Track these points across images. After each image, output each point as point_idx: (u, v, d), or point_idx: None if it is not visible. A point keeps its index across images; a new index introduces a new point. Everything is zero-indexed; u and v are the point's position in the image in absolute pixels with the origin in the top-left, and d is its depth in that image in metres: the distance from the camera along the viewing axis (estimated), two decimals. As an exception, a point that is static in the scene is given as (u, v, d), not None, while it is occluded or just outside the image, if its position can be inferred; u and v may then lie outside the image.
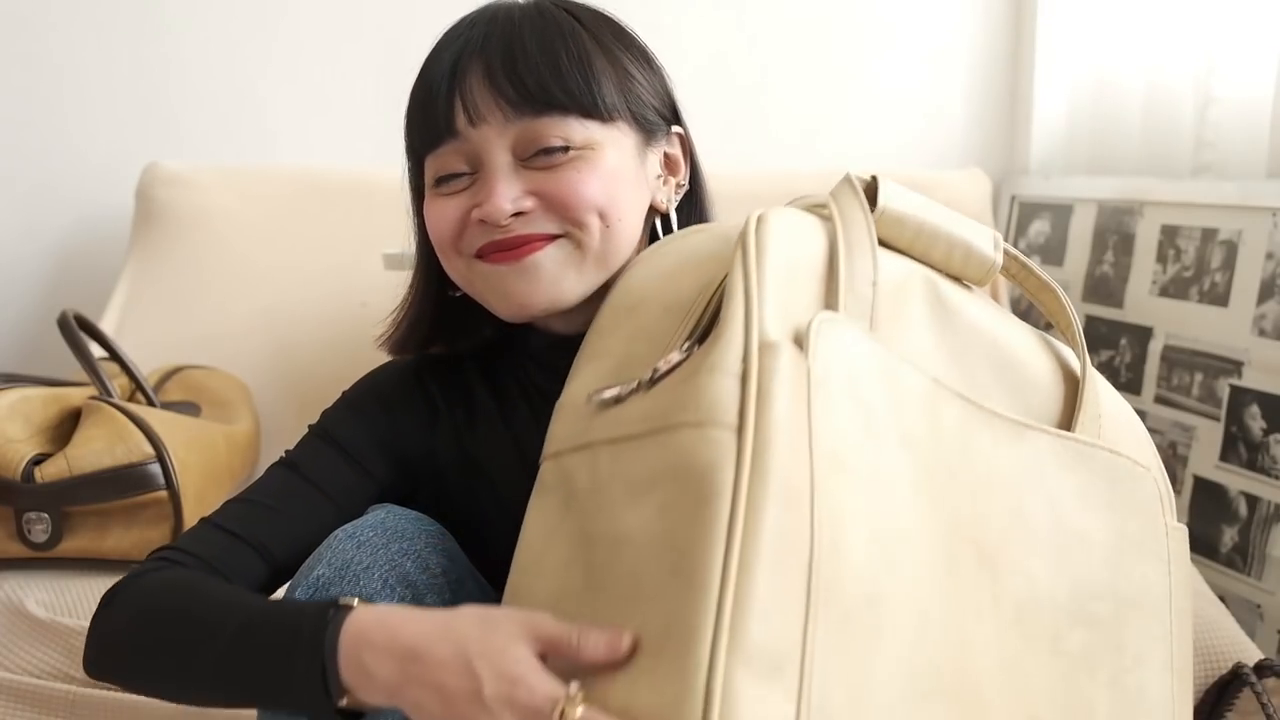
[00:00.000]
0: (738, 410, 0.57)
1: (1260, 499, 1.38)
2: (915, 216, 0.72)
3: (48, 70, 1.80)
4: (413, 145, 0.83)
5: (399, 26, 1.82)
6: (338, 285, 1.60)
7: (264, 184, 1.73)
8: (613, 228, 0.79)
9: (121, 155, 1.79)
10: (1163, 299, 1.58)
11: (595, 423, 0.67)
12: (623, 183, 0.81)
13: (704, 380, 0.59)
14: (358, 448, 0.85)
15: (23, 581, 1.12)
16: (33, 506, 1.09)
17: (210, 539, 0.79)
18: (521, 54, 0.78)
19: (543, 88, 0.78)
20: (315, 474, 0.83)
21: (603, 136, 0.80)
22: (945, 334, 0.70)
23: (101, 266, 1.79)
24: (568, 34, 0.80)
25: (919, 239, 0.72)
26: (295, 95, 1.84)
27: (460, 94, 0.78)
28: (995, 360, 0.72)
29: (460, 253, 0.81)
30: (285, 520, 0.80)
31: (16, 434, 1.11)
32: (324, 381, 1.07)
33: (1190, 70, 1.66)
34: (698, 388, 0.59)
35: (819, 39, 1.94)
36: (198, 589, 0.73)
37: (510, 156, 0.79)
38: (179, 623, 0.71)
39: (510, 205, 0.77)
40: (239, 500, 0.83)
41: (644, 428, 0.62)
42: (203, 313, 1.63)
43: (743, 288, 0.62)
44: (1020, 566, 0.66)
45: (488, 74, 0.78)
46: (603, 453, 0.64)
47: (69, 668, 1.07)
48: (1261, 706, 1.05)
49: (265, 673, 0.67)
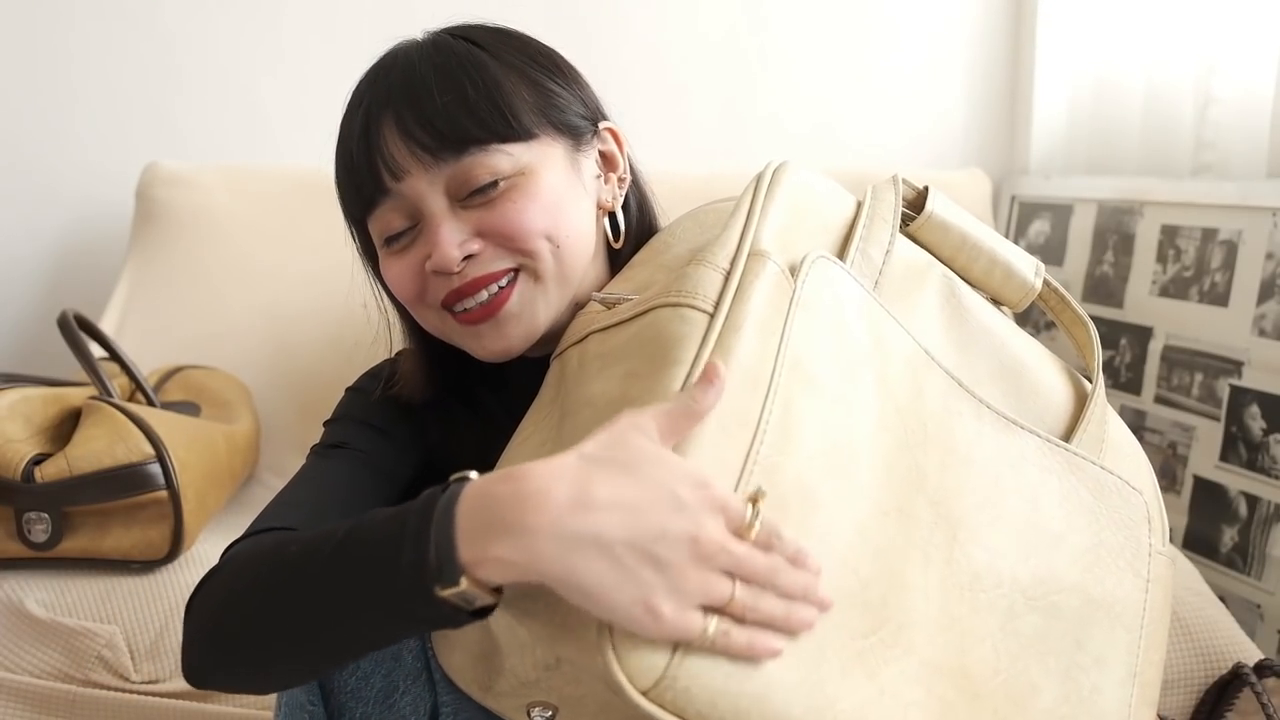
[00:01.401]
0: (715, 297, 0.62)
1: (1260, 499, 1.38)
2: (960, 228, 0.75)
3: (48, 70, 1.80)
4: (350, 213, 0.83)
5: (399, 27, 1.81)
6: (338, 285, 1.59)
7: (264, 184, 1.73)
8: (563, 246, 0.78)
9: (121, 155, 1.79)
10: (1163, 299, 1.57)
11: (595, 319, 0.71)
12: (562, 198, 0.79)
13: (689, 270, 0.64)
14: (385, 419, 0.85)
15: (23, 581, 1.12)
16: (33, 506, 1.09)
17: (274, 514, 0.75)
18: (427, 97, 0.76)
19: (455, 127, 0.76)
20: (356, 442, 0.82)
21: (530, 158, 0.78)
22: (952, 326, 0.72)
23: (101, 266, 1.79)
24: (469, 64, 0.78)
25: (962, 251, 0.76)
26: (295, 95, 1.84)
27: (379, 152, 0.77)
28: (1000, 363, 0.73)
29: (429, 305, 0.80)
30: (343, 497, 0.78)
31: (16, 434, 1.11)
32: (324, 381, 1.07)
33: (1190, 70, 1.66)
34: (683, 275, 0.64)
35: (819, 39, 1.94)
36: (284, 540, 0.66)
37: (445, 200, 0.77)
38: (274, 567, 0.64)
39: (458, 251, 0.76)
40: (289, 489, 0.79)
41: (630, 313, 0.66)
42: (203, 313, 1.63)
43: (746, 206, 0.67)
44: (983, 540, 0.67)
45: (399, 125, 0.76)
46: (593, 340, 0.69)
47: (69, 668, 1.07)
48: (1261, 706, 1.05)
49: (368, 577, 0.58)
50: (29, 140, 1.80)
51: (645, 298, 0.66)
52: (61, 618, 1.08)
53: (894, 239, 0.71)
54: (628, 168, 0.87)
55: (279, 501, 0.77)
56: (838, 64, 1.94)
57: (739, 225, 0.66)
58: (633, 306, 0.67)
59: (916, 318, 0.70)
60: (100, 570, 1.13)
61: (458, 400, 0.88)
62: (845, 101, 1.95)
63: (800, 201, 0.70)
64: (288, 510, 0.76)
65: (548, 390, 0.73)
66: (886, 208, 0.73)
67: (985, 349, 0.72)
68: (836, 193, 0.74)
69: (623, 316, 0.67)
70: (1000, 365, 0.73)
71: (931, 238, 0.75)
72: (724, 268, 0.63)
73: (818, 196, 0.72)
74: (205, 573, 0.70)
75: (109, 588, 1.11)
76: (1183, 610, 1.14)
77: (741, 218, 0.67)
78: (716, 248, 0.65)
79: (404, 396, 0.87)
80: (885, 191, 0.74)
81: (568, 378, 0.70)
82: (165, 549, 1.13)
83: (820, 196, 0.72)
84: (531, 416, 0.72)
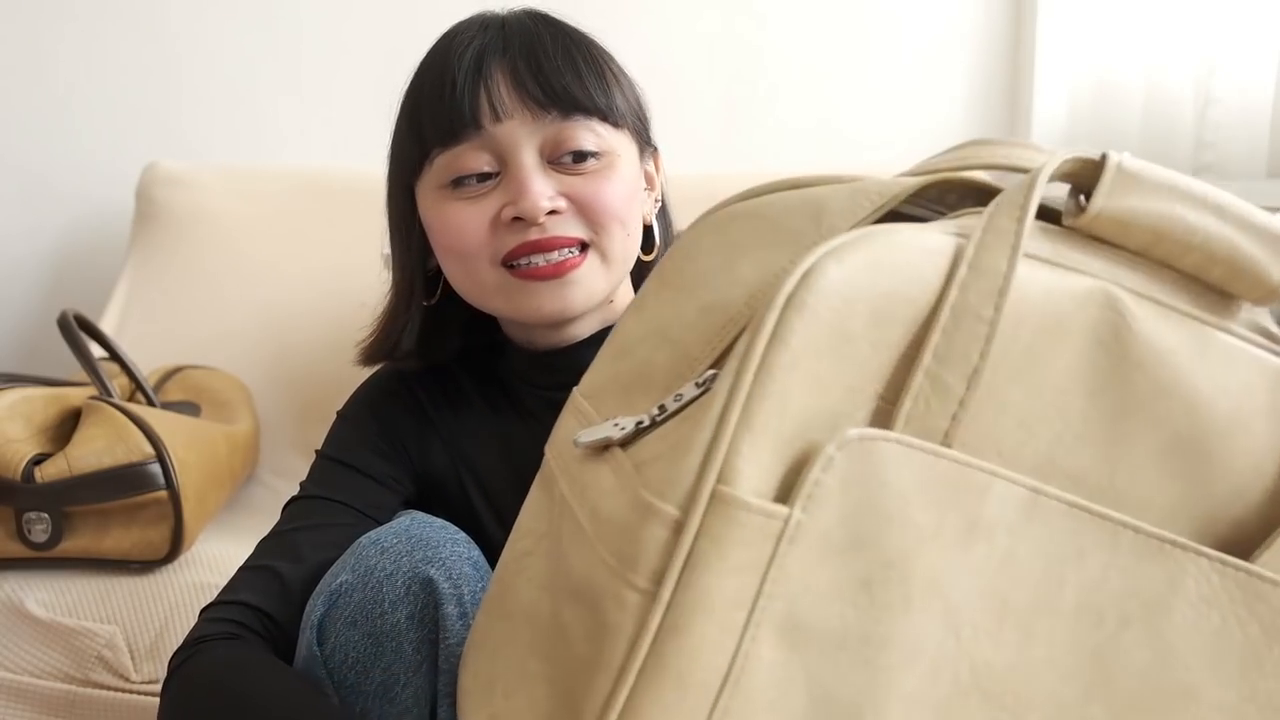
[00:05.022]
0: (657, 572, 0.45)
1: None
2: (1149, 217, 0.51)
3: (48, 70, 1.80)
4: (421, 137, 0.80)
5: (399, 27, 1.81)
6: (338, 285, 1.60)
7: (264, 184, 1.73)
8: (631, 236, 0.81)
9: (121, 155, 1.79)
10: (1163, 299, 1.57)
11: (577, 466, 0.56)
12: (635, 192, 0.82)
13: (634, 521, 0.47)
14: (368, 461, 0.85)
15: (23, 581, 1.12)
16: (33, 506, 1.09)
17: (256, 583, 0.78)
18: (544, 55, 0.78)
19: (568, 90, 0.78)
20: (339, 493, 0.83)
21: (618, 144, 0.81)
22: (1105, 392, 0.50)
23: (101, 266, 1.79)
24: (582, 41, 0.81)
25: (1156, 245, 0.51)
26: (295, 95, 1.84)
27: (486, 90, 0.78)
28: (1174, 433, 0.51)
29: (488, 258, 0.79)
30: (318, 539, 0.80)
31: (16, 434, 1.11)
32: (324, 381, 1.07)
33: (1190, 70, 1.66)
34: (626, 527, 0.48)
35: (819, 39, 1.94)
36: (247, 686, 0.71)
37: (537, 156, 0.78)
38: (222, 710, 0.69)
39: (547, 202, 0.77)
40: (272, 536, 0.82)
41: (590, 528, 0.51)
42: (203, 313, 1.63)
43: (726, 390, 0.45)
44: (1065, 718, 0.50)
45: (513, 73, 0.78)
46: (568, 521, 0.55)
47: (69, 668, 1.07)
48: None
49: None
50: (29, 140, 1.80)
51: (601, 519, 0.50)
52: (61, 618, 1.08)
53: (1009, 279, 0.47)
54: (661, 193, 0.90)
55: (250, 560, 0.80)
56: (837, 63, 1.94)
57: (707, 432, 0.45)
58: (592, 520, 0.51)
59: (1040, 399, 0.49)
60: (100, 570, 1.13)
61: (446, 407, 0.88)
62: (845, 101, 1.95)
63: (841, 318, 0.46)
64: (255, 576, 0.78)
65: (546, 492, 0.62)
66: (997, 253, 0.47)
67: (1154, 416, 0.50)
68: (916, 252, 0.48)
69: (584, 524, 0.52)
70: (1174, 436, 0.51)
71: (1108, 232, 0.51)
72: (673, 518, 0.45)
73: (885, 281, 0.47)
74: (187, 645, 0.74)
75: (109, 588, 1.11)
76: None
77: (715, 415, 0.45)
78: (676, 470, 0.46)
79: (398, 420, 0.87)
80: (1001, 216, 0.49)
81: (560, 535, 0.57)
82: (165, 549, 1.13)
83: (892, 277, 0.47)
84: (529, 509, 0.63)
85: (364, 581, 0.71)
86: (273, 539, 0.82)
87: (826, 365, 0.46)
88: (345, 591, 0.72)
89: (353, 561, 0.73)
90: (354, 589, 0.71)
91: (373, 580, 0.71)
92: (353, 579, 0.72)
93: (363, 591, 0.71)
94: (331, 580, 0.73)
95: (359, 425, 0.87)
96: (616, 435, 0.52)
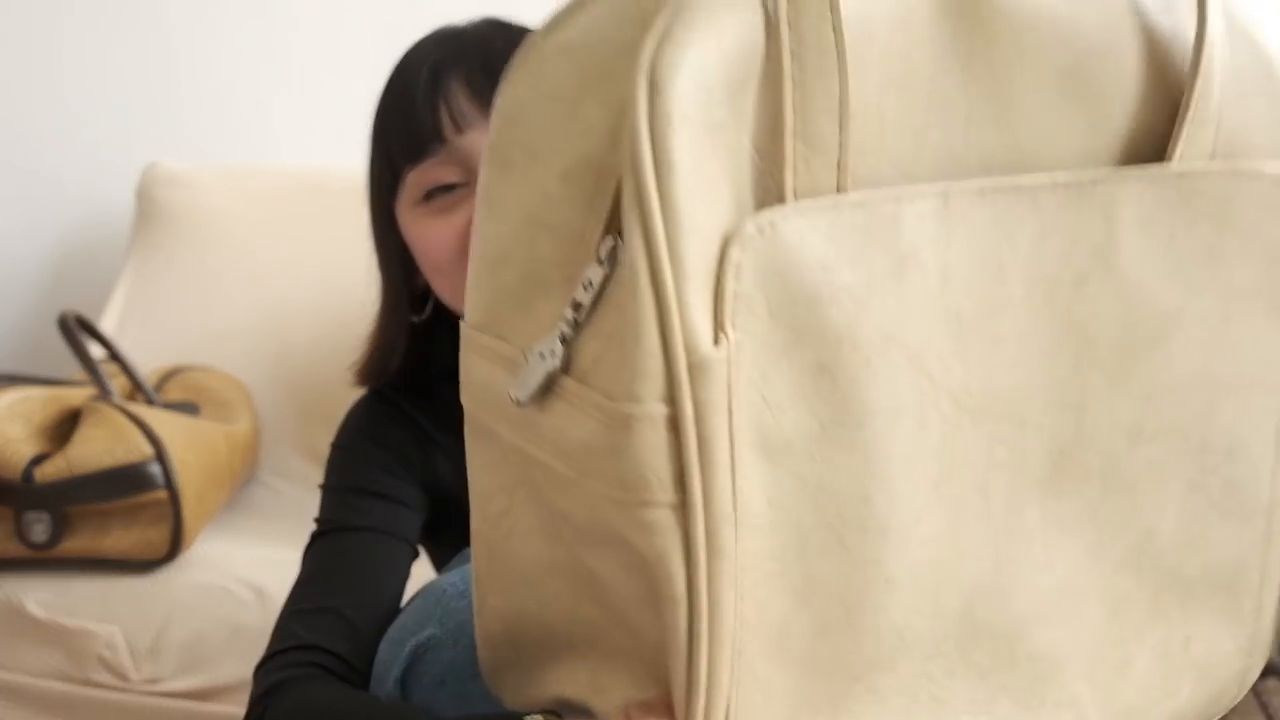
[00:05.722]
0: (674, 478, 0.41)
1: (1260, 499, 1.37)
2: None
3: (48, 70, 1.80)
4: (390, 157, 0.81)
5: (399, 27, 1.81)
6: (338, 285, 1.59)
7: (264, 184, 1.73)
8: None
9: (122, 155, 1.79)
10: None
11: (517, 411, 0.49)
12: None
13: (619, 439, 0.42)
14: (381, 483, 0.83)
15: (23, 581, 1.12)
16: (33, 506, 1.09)
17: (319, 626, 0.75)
18: (499, 61, 0.77)
19: None
20: (363, 521, 0.80)
21: None
22: (976, 59, 0.46)
23: (101, 266, 1.79)
24: None
25: None
26: (295, 95, 1.84)
27: (445, 102, 0.77)
28: (1055, 68, 0.47)
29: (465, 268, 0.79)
30: (362, 572, 0.77)
31: (16, 434, 1.11)
32: (324, 381, 1.07)
33: (1190, 70, 1.66)
34: (613, 450, 0.42)
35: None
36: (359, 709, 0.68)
37: None
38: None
39: None
40: (303, 580, 0.79)
41: (570, 471, 0.45)
42: (203, 313, 1.63)
43: (643, 248, 0.40)
44: (1065, 398, 0.48)
45: (470, 82, 0.77)
46: (537, 470, 0.48)
47: (69, 668, 1.07)
48: (1261, 706, 1.05)
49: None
50: (29, 140, 1.80)
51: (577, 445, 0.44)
52: (61, 618, 1.08)
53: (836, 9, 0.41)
54: None
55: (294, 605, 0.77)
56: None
57: (649, 304, 0.40)
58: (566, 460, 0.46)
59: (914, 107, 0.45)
60: (100, 570, 1.13)
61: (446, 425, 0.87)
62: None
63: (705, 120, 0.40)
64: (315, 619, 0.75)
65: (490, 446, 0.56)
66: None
67: (1032, 60, 0.47)
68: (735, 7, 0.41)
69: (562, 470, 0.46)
70: (1058, 72, 0.47)
71: None
72: (662, 415, 0.40)
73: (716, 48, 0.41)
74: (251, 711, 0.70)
75: (109, 588, 1.11)
76: (1183, 610, 1.13)
77: (645, 280, 0.40)
78: (637, 361, 0.41)
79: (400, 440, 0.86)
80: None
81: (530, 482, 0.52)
82: (165, 549, 1.13)
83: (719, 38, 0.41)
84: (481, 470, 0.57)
85: (454, 639, 0.68)
86: (314, 582, 0.79)
87: (711, 164, 0.40)
88: (434, 647, 0.69)
89: (440, 614, 0.70)
90: (443, 646, 0.68)
91: (464, 639, 0.67)
92: (442, 635, 0.69)
93: (453, 650, 0.68)
94: (414, 632, 0.70)
95: (362, 452, 0.85)
96: (552, 365, 0.45)
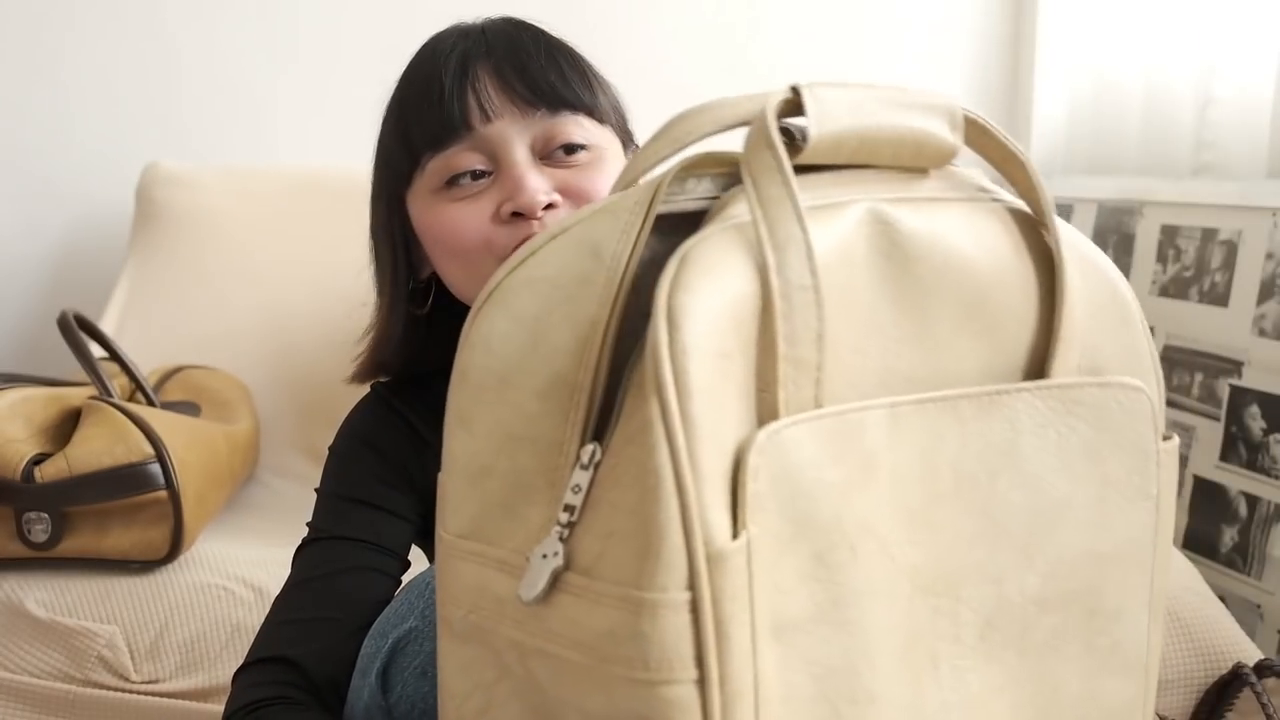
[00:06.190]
0: (695, 657, 0.46)
1: (1260, 499, 1.38)
2: (854, 130, 0.54)
3: (48, 70, 1.80)
4: (410, 143, 0.81)
5: (399, 27, 1.81)
6: (338, 285, 1.59)
7: (264, 184, 1.73)
8: None
9: (121, 155, 1.79)
10: (1163, 299, 1.57)
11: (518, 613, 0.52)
12: None
13: (643, 624, 0.46)
14: (375, 493, 0.83)
15: (23, 581, 1.12)
16: (33, 506, 1.09)
17: (295, 638, 0.76)
18: (527, 58, 0.79)
19: (554, 88, 0.79)
20: (354, 531, 0.81)
21: (604, 140, 0.81)
22: (902, 294, 0.55)
23: (101, 266, 1.79)
24: (562, 45, 0.82)
25: (861, 150, 0.55)
26: (295, 95, 1.84)
27: (474, 91, 0.78)
28: (961, 301, 0.56)
29: (491, 254, 0.78)
30: (350, 584, 0.78)
31: (16, 434, 1.11)
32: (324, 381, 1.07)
33: (1190, 70, 1.66)
34: (635, 635, 0.46)
35: (819, 38, 1.94)
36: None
37: (529, 152, 0.79)
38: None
39: (544, 196, 0.77)
40: (292, 586, 0.80)
41: (585, 658, 0.48)
42: (203, 313, 1.63)
43: (667, 456, 0.45)
44: (987, 574, 0.56)
45: (498, 75, 0.79)
46: (537, 662, 0.51)
47: (69, 668, 1.07)
48: (1261, 706, 1.05)
49: None
50: (29, 140, 1.80)
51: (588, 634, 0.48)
52: (61, 618, 1.08)
53: (812, 258, 0.49)
54: None
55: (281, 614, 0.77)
56: (837, 63, 1.94)
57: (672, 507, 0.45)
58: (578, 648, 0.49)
59: (856, 323, 0.53)
60: (100, 570, 1.13)
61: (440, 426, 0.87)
62: (845, 101, 1.96)
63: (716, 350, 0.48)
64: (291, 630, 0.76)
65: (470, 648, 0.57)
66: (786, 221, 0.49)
67: (943, 295, 0.55)
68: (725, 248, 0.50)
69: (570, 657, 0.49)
70: (964, 305, 0.56)
71: (825, 155, 0.54)
72: (684, 601, 0.45)
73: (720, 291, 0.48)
74: None
75: (109, 588, 1.11)
76: (1182, 610, 1.14)
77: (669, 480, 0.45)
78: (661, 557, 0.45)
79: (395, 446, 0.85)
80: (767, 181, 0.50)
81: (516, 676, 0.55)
82: (165, 549, 1.13)
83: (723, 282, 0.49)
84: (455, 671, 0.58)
85: (435, 631, 0.69)
86: (300, 589, 0.79)
87: (721, 387, 0.48)
88: (414, 639, 0.69)
89: (421, 606, 0.70)
90: (425, 637, 0.69)
91: None
92: (422, 625, 0.69)
93: (433, 640, 0.68)
94: (395, 625, 0.70)
95: (358, 458, 0.85)
96: (557, 564, 0.49)
